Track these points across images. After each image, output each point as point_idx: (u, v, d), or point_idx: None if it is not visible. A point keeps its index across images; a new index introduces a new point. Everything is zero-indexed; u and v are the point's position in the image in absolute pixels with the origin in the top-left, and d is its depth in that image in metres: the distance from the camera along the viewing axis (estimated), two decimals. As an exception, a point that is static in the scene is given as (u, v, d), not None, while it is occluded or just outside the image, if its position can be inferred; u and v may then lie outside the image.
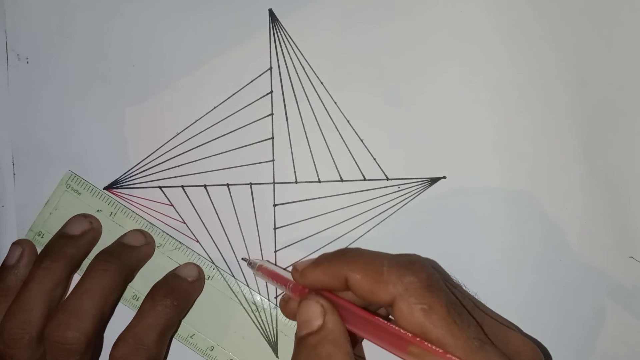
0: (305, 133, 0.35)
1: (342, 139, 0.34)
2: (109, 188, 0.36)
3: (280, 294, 0.35)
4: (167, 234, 0.35)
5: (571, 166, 0.33)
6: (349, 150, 0.34)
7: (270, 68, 0.35)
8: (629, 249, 0.32)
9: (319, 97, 0.34)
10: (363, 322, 0.26)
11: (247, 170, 0.35)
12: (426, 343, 0.24)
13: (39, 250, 0.35)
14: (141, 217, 0.35)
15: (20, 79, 0.36)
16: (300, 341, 0.26)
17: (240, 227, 0.35)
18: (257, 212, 0.35)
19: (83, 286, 0.32)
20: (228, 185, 0.35)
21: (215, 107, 0.35)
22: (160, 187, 0.36)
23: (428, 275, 0.26)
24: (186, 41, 0.35)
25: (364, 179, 0.34)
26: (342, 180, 0.34)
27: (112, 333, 0.33)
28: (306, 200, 0.35)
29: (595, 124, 0.33)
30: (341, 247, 0.34)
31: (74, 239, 0.34)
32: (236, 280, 0.35)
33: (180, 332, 0.35)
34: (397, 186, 0.34)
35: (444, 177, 0.34)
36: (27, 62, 0.36)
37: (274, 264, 0.35)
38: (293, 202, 0.35)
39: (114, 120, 0.36)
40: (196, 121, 0.35)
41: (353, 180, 0.34)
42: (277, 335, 0.35)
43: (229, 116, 0.35)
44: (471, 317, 0.26)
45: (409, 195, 0.34)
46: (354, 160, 0.34)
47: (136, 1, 0.35)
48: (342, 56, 0.34)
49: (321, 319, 0.26)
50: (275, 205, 0.35)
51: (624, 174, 0.32)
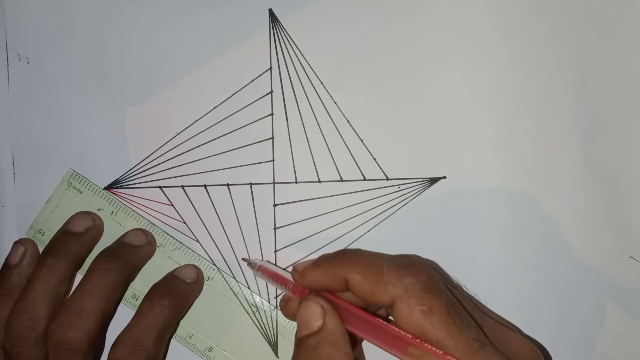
0: (305, 133, 0.35)
1: (342, 139, 0.34)
2: (109, 188, 0.36)
3: (280, 294, 0.35)
4: (168, 234, 0.35)
5: (571, 166, 0.33)
6: (349, 150, 0.34)
7: (270, 68, 0.35)
8: (629, 249, 0.32)
9: (319, 97, 0.34)
10: (362, 323, 0.26)
11: (247, 170, 0.35)
12: (426, 344, 0.24)
13: (40, 248, 0.35)
14: (142, 216, 0.36)
15: (20, 79, 0.36)
16: (300, 342, 0.26)
17: (240, 227, 0.35)
18: (257, 212, 0.35)
19: (85, 286, 0.32)
20: (228, 185, 0.35)
21: (215, 107, 0.35)
22: (160, 187, 0.36)
23: (428, 277, 0.26)
24: (186, 41, 0.35)
25: (364, 179, 0.34)
26: (342, 180, 0.34)
27: (112, 333, 0.33)
28: (306, 200, 0.35)
29: (595, 124, 0.33)
30: (341, 248, 0.34)
31: (77, 236, 0.34)
32: (236, 281, 0.35)
33: (179, 332, 0.35)
34: (397, 186, 0.34)
35: (444, 177, 0.34)
36: (28, 62, 0.36)
37: (274, 264, 0.35)
38: (293, 202, 0.35)
39: (114, 120, 0.36)
40: (196, 121, 0.35)
41: (353, 180, 0.34)
42: (277, 336, 0.35)
43: (229, 116, 0.35)
44: (471, 318, 0.26)
45: (409, 195, 0.34)
46: (354, 160, 0.34)
47: (136, 1, 0.35)
48: (342, 56, 0.34)
49: (321, 319, 0.26)
50: (275, 205, 0.35)
51: (624, 174, 0.32)
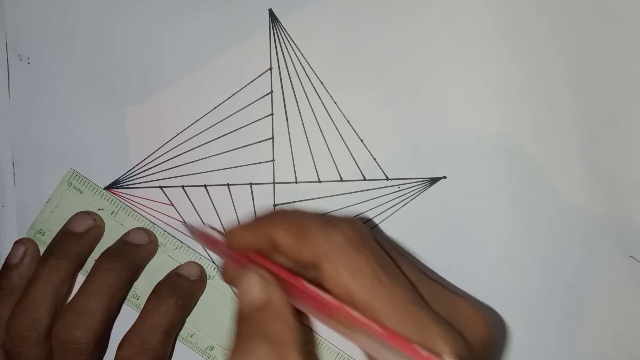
0: (305, 133, 0.35)
1: (342, 139, 0.34)
2: (109, 188, 0.36)
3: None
4: (168, 233, 0.35)
5: (571, 166, 0.33)
6: (349, 150, 0.34)
7: (270, 68, 0.35)
8: (629, 249, 0.32)
9: (319, 97, 0.34)
10: (289, 287, 0.24)
11: (247, 170, 0.35)
12: (349, 310, 0.22)
13: (40, 248, 0.35)
14: (143, 215, 0.36)
15: (20, 79, 0.36)
16: (244, 318, 0.24)
17: (240, 227, 0.35)
18: (257, 212, 0.35)
19: (90, 286, 0.32)
20: (228, 185, 0.35)
21: (215, 107, 0.35)
22: (160, 187, 0.36)
23: (356, 231, 0.24)
24: (186, 41, 0.35)
25: (364, 179, 0.34)
26: (342, 180, 0.34)
27: (115, 332, 0.33)
28: (306, 200, 0.35)
29: (595, 123, 0.32)
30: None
31: (78, 236, 0.34)
32: None
33: (181, 331, 0.35)
34: (397, 186, 0.34)
35: (444, 177, 0.34)
36: (29, 63, 0.36)
37: (215, 229, 0.34)
38: (293, 202, 0.35)
39: (114, 120, 0.36)
40: (196, 121, 0.35)
41: (353, 180, 0.34)
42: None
43: (229, 116, 0.35)
44: (405, 278, 0.24)
45: (409, 195, 0.34)
46: (354, 160, 0.34)
47: (136, 1, 0.35)
48: (342, 56, 0.34)
49: (264, 293, 0.24)
50: (275, 205, 0.35)
51: (624, 174, 0.32)
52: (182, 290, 0.33)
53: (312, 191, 0.35)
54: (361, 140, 0.34)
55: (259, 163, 0.35)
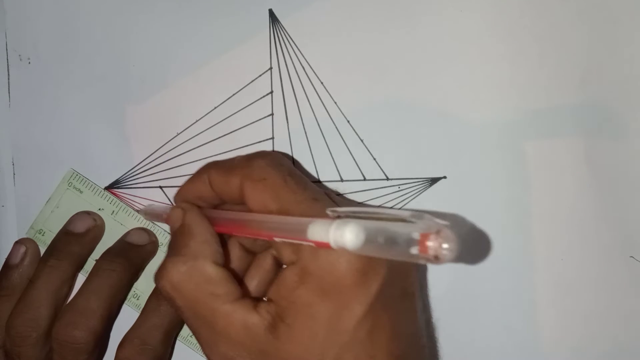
0: (305, 133, 0.35)
1: (342, 139, 0.34)
2: (109, 188, 0.36)
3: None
4: (168, 233, 0.35)
5: (571, 166, 0.33)
6: (349, 150, 0.34)
7: (271, 68, 0.35)
8: (629, 249, 0.32)
9: (319, 97, 0.34)
10: (216, 220, 0.28)
11: (247, 170, 0.35)
12: (255, 215, 0.25)
13: (40, 248, 0.35)
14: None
15: (21, 79, 0.36)
16: (169, 244, 0.28)
17: (240, 227, 0.35)
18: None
19: (90, 286, 0.32)
20: (228, 185, 0.35)
21: (215, 107, 0.35)
22: (161, 187, 0.36)
23: (273, 156, 0.27)
24: (186, 41, 0.35)
25: (364, 179, 0.34)
26: (342, 180, 0.34)
27: (115, 333, 0.33)
28: (306, 200, 0.35)
29: (596, 123, 0.32)
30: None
31: (78, 236, 0.34)
32: None
33: (181, 331, 0.35)
34: (397, 186, 0.34)
35: (444, 177, 0.34)
36: (29, 63, 0.36)
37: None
38: (293, 202, 0.35)
39: (114, 120, 0.36)
40: (196, 121, 0.35)
41: (353, 180, 0.34)
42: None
43: (229, 116, 0.35)
44: (310, 183, 0.27)
45: (409, 195, 0.34)
46: (354, 160, 0.34)
47: (136, 1, 0.35)
48: (342, 56, 0.34)
49: (179, 218, 0.28)
50: (275, 205, 0.35)
51: (624, 174, 0.32)
52: None
53: (312, 191, 0.34)
54: (361, 140, 0.34)
55: (259, 163, 0.35)
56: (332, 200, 0.26)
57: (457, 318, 0.34)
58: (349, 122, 0.34)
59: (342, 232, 0.21)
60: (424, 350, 0.27)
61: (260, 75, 0.35)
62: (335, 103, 0.34)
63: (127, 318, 0.33)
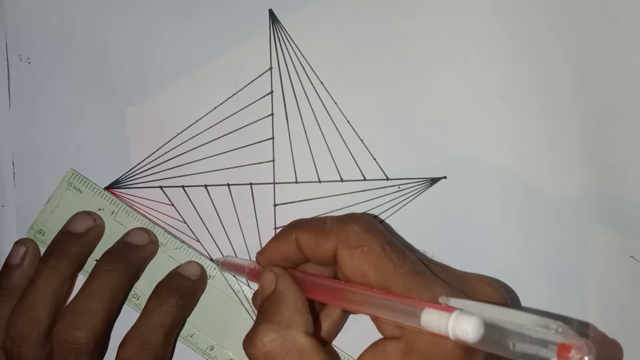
0: (305, 133, 0.35)
1: (342, 139, 0.34)
2: (109, 188, 0.36)
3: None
4: (169, 233, 0.35)
5: (572, 166, 0.33)
6: (349, 150, 0.34)
7: (270, 68, 0.35)
8: (629, 249, 0.32)
9: (319, 97, 0.34)
10: (309, 285, 0.27)
11: (247, 170, 0.35)
12: (356, 285, 0.24)
13: (40, 248, 0.35)
14: (143, 215, 0.36)
15: (21, 79, 0.36)
16: (260, 309, 0.27)
17: (240, 227, 0.35)
18: (257, 212, 0.35)
19: (91, 286, 0.32)
20: (228, 185, 0.35)
21: (215, 107, 0.35)
22: (160, 187, 0.36)
23: (366, 221, 0.27)
24: (186, 41, 0.35)
25: (364, 179, 0.34)
26: (342, 180, 0.34)
27: (116, 333, 0.33)
28: (306, 200, 0.35)
29: (596, 123, 0.32)
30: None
31: (78, 236, 0.34)
32: (237, 280, 0.35)
33: (181, 331, 0.35)
34: (397, 186, 0.34)
35: (444, 177, 0.34)
36: (29, 63, 0.36)
37: (237, 256, 0.35)
38: (293, 202, 0.35)
39: (114, 121, 0.36)
40: (196, 121, 0.35)
41: (353, 180, 0.34)
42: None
43: (229, 116, 0.35)
44: (410, 253, 0.26)
45: (409, 195, 0.34)
46: (354, 160, 0.34)
47: (136, 1, 0.35)
48: (342, 56, 0.34)
49: (273, 284, 0.27)
50: (275, 205, 0.35)
51: (624, 174, 0.32)
52: (183, 290, 0.33)
53: (312, 191, 0.35)
54: (361, 140, 0.34)
55: (259, 163, 0.35)
56: (429, 269, 0.26)
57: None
58: (349, 122, 0.34)
59: (463, 326, 0.21)
60: None
61: (260, 75, 0.35)
62: (335, 103, 0.34)
63: (127, 318, 0.33)
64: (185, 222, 0.36)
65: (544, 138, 0.33)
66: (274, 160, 0.35)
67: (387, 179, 0.34)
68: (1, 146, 0.36)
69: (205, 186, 0.35)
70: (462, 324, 0.21)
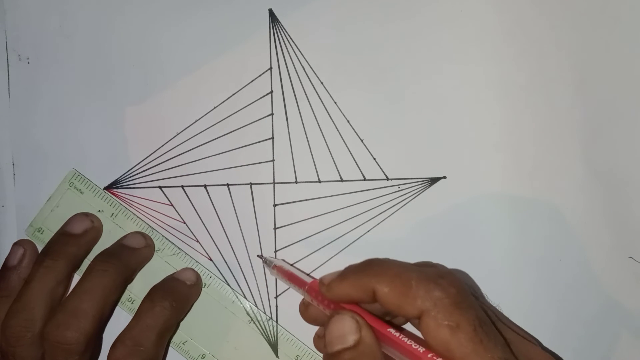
0: (305, 133, 0.35)
1: (342, 139, 0.34)
2: (108, 188, 0.36)
3: (279, 294, 0.35)
4: (167, 239, 0.35)
5: (571, 166, 0.33)
6: (349, 150, 0.34)
7: (270, 68, 0.35)
8: (628, 249, 0.32)
9: (319, 97, 0.34)
10: (380, 335, 0.26)
11: (247, 170, 0.35)
12: (437, 356, 0.23)
13: (38, 246, 0.35)
14: (142, 220, 0.35)
15: (20, 79, 0.36)
16: (333, 356, 0.26)
17: (240, 227, 0.35)
18: (257, 212, 0.35)
19: (83, 286, 0.32)
20: (228, 185, 0.35)
21: (215, 107, 0.35)
22: (160, 187, 0.36)
23: (457, 291, 0.25)
24: (186, 41, 0.35)
25: (364, 179, 0.34)
26: (342, 180, 0.34)
27: (109, 334, 0.33)
28: (306, 200, 0.35)
29: (596, 124, 0.33)
30: (341, 248, 0.34)
31: (75, 237, 0.34)
32: (233, 291, 0.35)
33: (173, 338, 0.35)
34: (397, 186, 0.34)
35: (444, 177, 0.34)
36: (28, 63, 0.36)
37: (290, 264, 0.35)
38: (293, 202, 0.35)
39: (114, 120, 0.36)
40: (196, 121, 0.35)
41: (353, 180, 0.34)
42: (277, 345, 0.34)
43: (229, 116, 0.35)
44: (499, 335, 0.25)
45: (409, 195, 0.34)
46: (354, 160, 0.34)
47: (136, 1, 0.35)
48: (342, 56, 0.34)
49: (357, 334, 0.26)
50: (275, 205, 0.35)
51: (624, 175, 0.32)
52: (177, 294, 0.33)
53: (312, 191, 0.35)
54: (361, 140, 0.34)
55: (259, 163, 0.35)
56: (513, 354, 0.25)
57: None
58: (349, 122, 0.34)
59: None
60: None
61: (260, 75, 0.35)
62: (335, 103, 0.34)
63: (124, 322, 0.32)
64: (184, 222, 0.36)
65: (543, 138, 0.33)
66: (273, 160, 0.35)
67: (387, 179, 0.34)
68: (1, 146, 0.36)
69: (205, 186, 0.35)
70: None
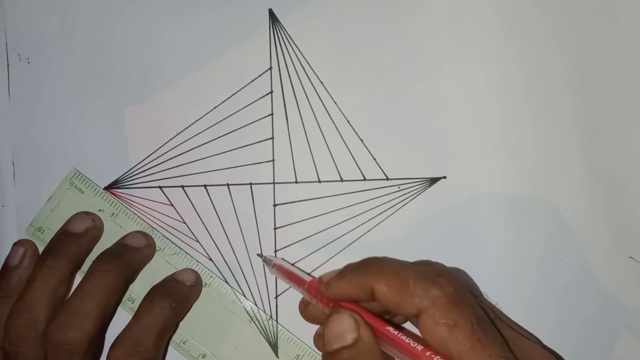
0: (305, 133, 0.35)
1: (342, 139, 0.34)
2: (109, 188, 0.36)
3: (279, 294, 0.35)
4: (167, 239, 0.35)
5: (571, 166, 0.33)
6: (349, 150, 0.34)
7: (270, 68, 0.35)
8: (628, 249, 0.32)
9: (319, 97, 0.34)
10: (377, 333, 0.26)
11: (247, 170, 0.35)
12: (436, 357, 0.23)
13: (39, 246, 0.35)
14: (142, 219, 0.35)
15: (20, 79, 0.36)
16: (332, 355, 0.26)
17: (240, 227, 0.35)
18: (257, 212, 0.35)
19: (85, 286, 0.32)
20: (228, 185, 0.35)
21: (215, 107, 0.35)
22: (160, 187, 0.36)
23: (455, 289, 0.25)
24: (186, 41, 0.35)
25: (364, 179, 0.34)
26: (342, 180, 0.34)
27: (109, 334, 0.33)
28: (306, 200, 0.35)
29: (596, 124, 0.33)
30: (341, 248, 0.34)
31: (76, 236, 0.34)
32: (233, 290, 0.35)
33: (174, 337, 0.35)
34: (397, 186, 0.34)
35: (444, 177, 0.34)
36: (28, 63, 0.36)
37: (289, 262, 0.35)
38: (293, 202, 0.35)
39: (114, 120, 0.36)
40: (196, 121, 0.35)
41: (353, 180, 0.34)
42: (277, 344, 0.34)
43: (229, 116, 0.35)
44: (497, 333, 0.25)
45: (409, 195, 0.34)
46: (354, 160, 0.34)
47: (136, 1, 0.35)
48: (342, 56, 0.34)
49: (355, 332, 0.26)
50: (275, 205, 0.35)
51: (624, 174, 0.32)
52: (177, 294, 0.33)
53: (312, 191, 0.35)
54: (361, 140, 0.34)
55: (259, 163, 0.35)
56: (513, 353, 0.25)
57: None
58: (349, 122, 0.34)
59: None
60: None
61: (260, 75, 0.35)
62: (335, 103, 0.34)
63: (124, 322, 0.32)
64: (184, 222, 0.36)
65: (543, 138, 0.33)
66: (273, 160, 0.35)
67: (387, 179, 0.34)
68: (1, 146, 0.36)
69: (205, 186, 0.35)
70: None
